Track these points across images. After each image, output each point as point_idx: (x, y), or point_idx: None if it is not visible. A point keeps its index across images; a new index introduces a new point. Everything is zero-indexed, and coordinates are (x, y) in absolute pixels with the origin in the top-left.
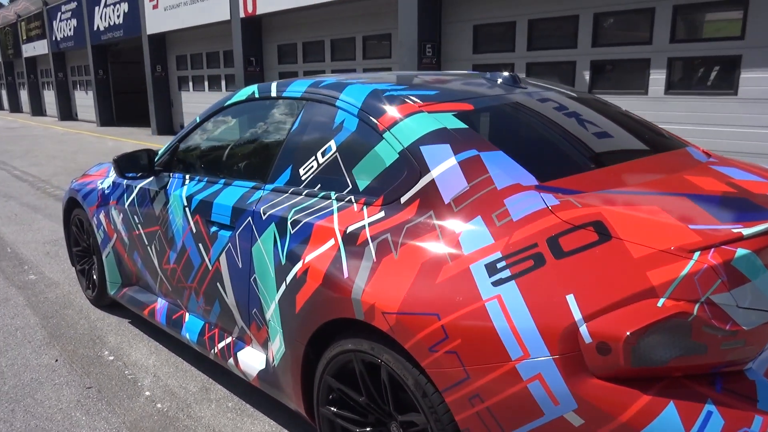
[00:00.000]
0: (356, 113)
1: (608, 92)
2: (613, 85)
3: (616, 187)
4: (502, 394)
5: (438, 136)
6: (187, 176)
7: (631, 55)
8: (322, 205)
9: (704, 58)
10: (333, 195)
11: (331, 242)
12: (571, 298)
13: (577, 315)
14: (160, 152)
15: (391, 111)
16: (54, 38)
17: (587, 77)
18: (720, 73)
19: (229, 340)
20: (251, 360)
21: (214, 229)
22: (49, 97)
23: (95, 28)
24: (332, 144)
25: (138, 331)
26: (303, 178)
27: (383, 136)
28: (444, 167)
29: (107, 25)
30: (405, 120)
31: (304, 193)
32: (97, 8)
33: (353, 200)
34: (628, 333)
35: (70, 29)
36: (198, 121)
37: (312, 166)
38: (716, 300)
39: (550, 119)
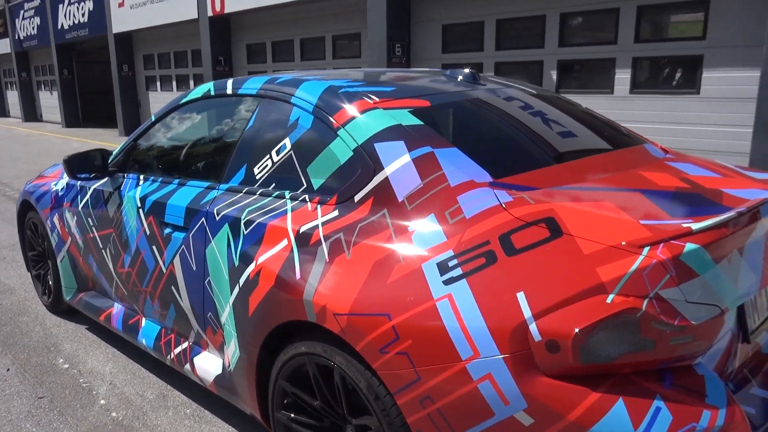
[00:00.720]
0: (311, 110)
1: (575, 92)
2: (580, 85)
3: (570, 184)
4: (453, 395)
5: (392, 133)
6: (142, 177)
7: (597, 55)
8: (276, 204)
9: (668, 58)
10: (287, 194)
11: (284, 243)
12: (521, 296)
13: (527, 313)
14: (114, 152)
15: (346, 108)
16: (17, 37)
17: (554, 77)
18: (683, 72)
19: (185, 345)
20: (208, 365)
21: (167, 230)
22: (13, 97)
23: (59, 27)
24: (287, 142)
25: (95, 338)
26: (258, 177)
27: (338, 133)
28: (398, 165)
29: (72, 24)
30: (360, 117)
31: (258, 193)
32: (61, 6)
33: (307, 199)
34: (576, 330)
35: (33, 27)
36: (153, 119)
37: (266, 165)
38: (665, 295)
39: (508, 116)
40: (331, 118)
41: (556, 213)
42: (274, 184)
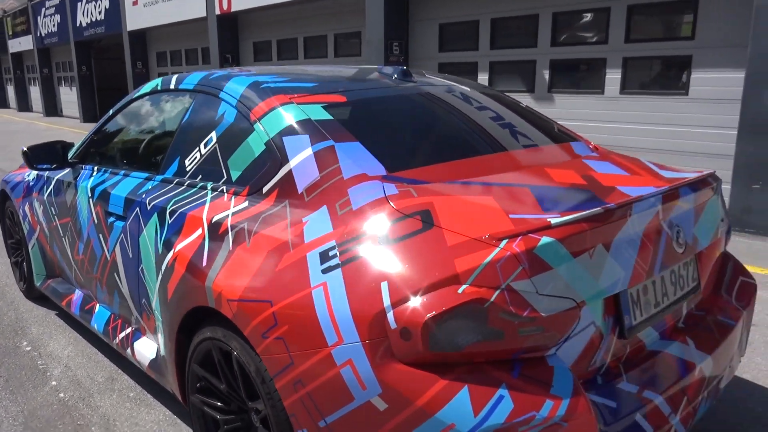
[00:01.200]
0: (235, 104)
1: (567, 92)
2: (572, 85)
3: (465, 178)
4: (320, 380)
5: (301, 127)
6: (95, 168)
7: (588, 55)
8: (199, 195)
9: (657, 58)
10: (209, 185)
11: (199, 232)
12: (384, 285)
13: (386, 301)
14: (77, 144)
15: (265, 102)
16: (39, 34)
17: (547, 76)
18: (672, 73)
19: (128, 330)
20: (145, 349)
21: (111, 219)
22: (36, 93)
23: (78, 24)
24: (213, 135)
25: (62, 323)
26: (188, 169)
27: (254, 126)
28: (301, 158)
29: (89, 21)
30: (274, 111)
31: (186, 184)
32: (79, 4)
33: (224, 190)
34: (425, 318)
35: (54, 25)
36: (111, 113)
37: (196, 157)
38: (516, 287)
39: (424, 112)
40: (250, 112)
41: (434, 206)
42: (200, 176)
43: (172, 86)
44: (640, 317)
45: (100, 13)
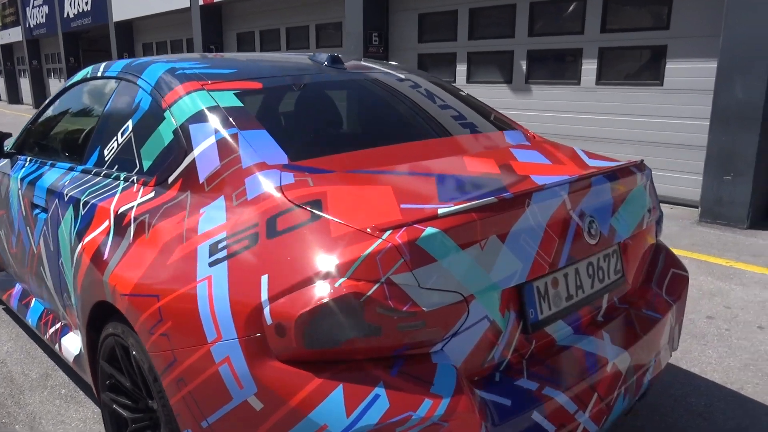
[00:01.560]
0: (150, 92)
1: (544, 82)
2: (549, 76)
3: (373, 167)
4: (200, 378)
5: (207, 115)
6: (28, 158)
7: (565, 45)
8: (111, 186)
9: (632, 49)
10: (122, 176)
11: (106, 224)
12: (264, 279)
13: (264, 296)
14: (17, 134)
15: (176, 89)
16: (27, 25)
17: (524, 67)
18: (647, 63)
19: (58, 325)
20: (71, 345)
21: (36, 212)
22: (26, 85)
23: (65, 15)
24: (129, 124)
25: (7, 318)
26: (106, 159)
27: (164, 114)
28: (204, 146)
29: (77, 12)
30: (183, 98)
31: (102, 174)
32: None
33: (135, 181)
34: (299, 313)
35: (42, 16)
36: (46, 102)
37: (113, 147)
38: (397, 280)
39: (346, 100)
40: (162, 99)
41: (327, 195)
42: (117, 166)
43: (99, 74)
44: (548, 311)
45: (86, 3)
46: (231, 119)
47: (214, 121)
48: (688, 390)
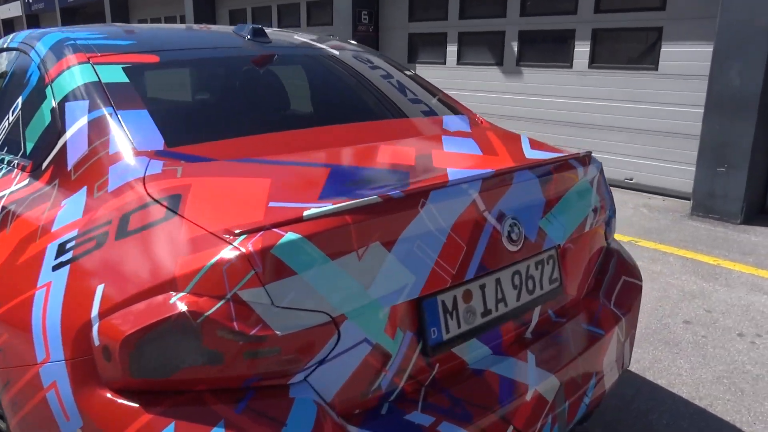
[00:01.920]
0: (38, 64)
1: (535, 65)
2: (540, 58)
3: (262, 155)
4: (30, 404)
5: (85, 91)
6: None
7: (557, 26)
8: None
9: (627, 30)
10: (6, 159)
11: None
12: (100, 290)
13: (95, 311)
14: None
15: (60, 62)
16: (26, 0)
17: (515, 49)
18: (641, 46)
19: None
20: None
21: None
22: None
23: None
24: (19, 101)
25: None
26: None
27: (46, 91)
28: (76, 128)
29: None
30: (64, 72)
31: None
32: None
33: (15, 165)
34: (124, 335)
35: None
36: None
37: (4, 126)
38: (245, 297)
39: (252, 78)
40: (46, 74)
41: (190, 189)
42: (6, 148)
43: (4, 45)
44: (456, 329)
45: None
46: (110, 97)
47: (91, 98)
48: (651, 405)
